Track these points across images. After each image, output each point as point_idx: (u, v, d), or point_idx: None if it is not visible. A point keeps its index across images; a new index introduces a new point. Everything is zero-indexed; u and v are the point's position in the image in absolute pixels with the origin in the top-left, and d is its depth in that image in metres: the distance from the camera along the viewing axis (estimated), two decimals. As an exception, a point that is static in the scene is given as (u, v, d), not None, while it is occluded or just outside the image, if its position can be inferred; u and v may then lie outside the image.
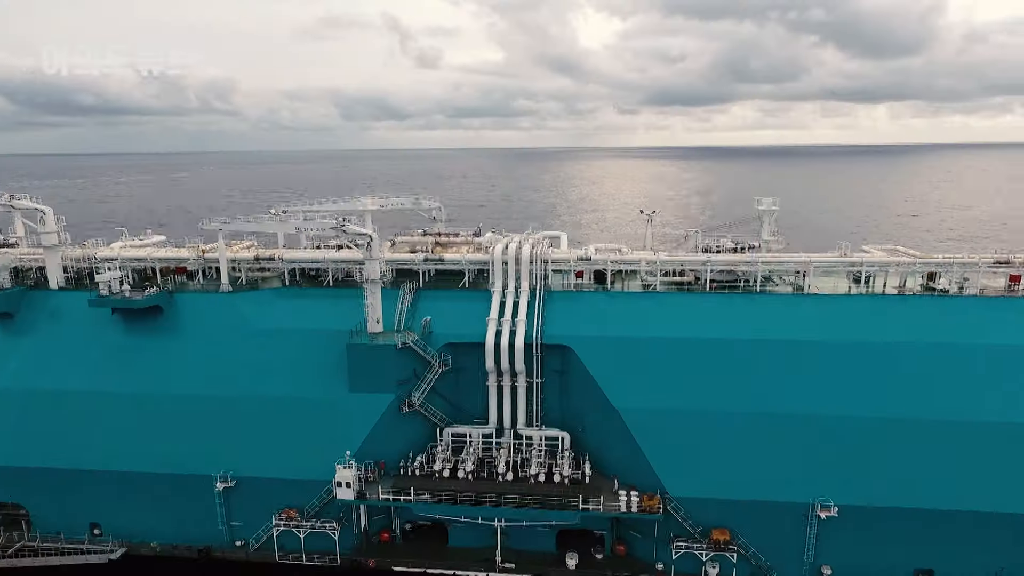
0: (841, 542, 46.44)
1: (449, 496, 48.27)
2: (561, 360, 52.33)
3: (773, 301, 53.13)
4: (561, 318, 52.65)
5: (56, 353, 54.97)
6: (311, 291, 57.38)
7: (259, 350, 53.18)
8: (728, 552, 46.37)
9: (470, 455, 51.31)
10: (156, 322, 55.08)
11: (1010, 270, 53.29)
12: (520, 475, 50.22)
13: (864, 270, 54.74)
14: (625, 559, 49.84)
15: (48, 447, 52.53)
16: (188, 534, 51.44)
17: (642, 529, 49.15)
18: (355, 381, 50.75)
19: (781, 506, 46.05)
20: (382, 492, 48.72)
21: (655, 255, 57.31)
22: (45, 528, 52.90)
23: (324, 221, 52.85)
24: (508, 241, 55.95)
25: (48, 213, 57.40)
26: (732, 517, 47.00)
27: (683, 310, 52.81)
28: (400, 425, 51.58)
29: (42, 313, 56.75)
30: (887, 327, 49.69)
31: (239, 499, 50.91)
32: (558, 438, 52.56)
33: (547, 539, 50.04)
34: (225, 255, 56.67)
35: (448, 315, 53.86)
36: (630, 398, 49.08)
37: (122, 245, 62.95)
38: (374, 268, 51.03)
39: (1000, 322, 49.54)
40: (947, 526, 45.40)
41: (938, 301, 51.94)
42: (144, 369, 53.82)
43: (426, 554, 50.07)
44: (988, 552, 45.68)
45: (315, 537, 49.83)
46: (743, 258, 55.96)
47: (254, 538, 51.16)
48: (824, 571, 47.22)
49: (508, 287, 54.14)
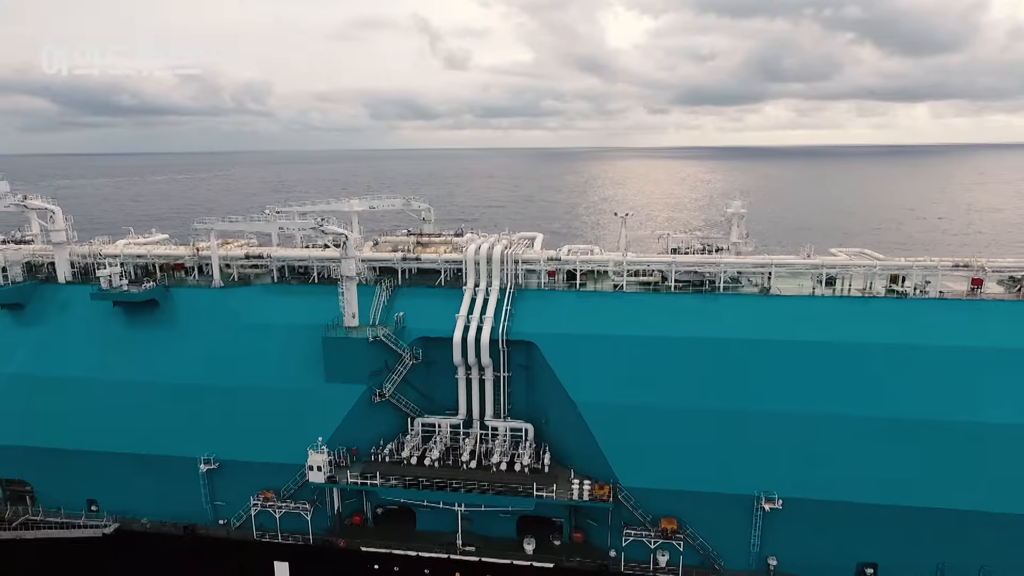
0: (786, 534, 48.10)
1: (414, 482, 51.17)
2: (526, 355, 54.94)
3: (734, 301, 54.97)
4: (528, 316, 55.21)
5: (62, 342, 59.31)
6: (296, 288, 60.84)
7: (245, 342, 56.75)
8: (675, 540, 48.38)
9: (437, 444, 54.17)
10: (153, 315, 59.06)
11: (969, 273, 54.46)
12: (484, 464, 52.98)
13: (825, 272, 56.18)
14: (581, 546, 52.16)
15: (52, 429, 56.73)
16: (175, 512, 55.11)
17: (597, 517, 51.46)
18: (330, 372, 54.00)
19: (727, 498, 47.93)
20: (352, 476, 51.84)
21: (623, 256, 59.47)
22: (47, 503, 57.13)
23: (303, 221, 56.12)
24: (482, 242, 58.66)
25: (57, 212, 61.91)
26: (680, 507, 49.02)
27: (646, 309, 54.98)
28: (372, 414, 54.66)
29: (51, 305, 61.18)
30: (841, 327, 51.23)
31: (222, 480, 54.47)
32: (522, 429, 55.21)
33: (508, 525, 52.59)
34: (217, 253, 60.44)
35: (423, 311, 56.80)
36: (588, 393, 51.40)
37: (126, 243, 67.24)
38: (350, 266, 54.20)
39: (956, 324, 50.73)
40: (890, 521, 46.81)
41: (897, 303, 53.37)
42: (140, 358, 57.80)
43: (394, 536, 52.95)
44: (931, 547, 46.93)
45: (290, 517, 53.12)
46: (708, 259, 57.90)
47: (235, 517, 54.65)
48: (770, 562, 48.93)
49: (480, 285, 56.91)
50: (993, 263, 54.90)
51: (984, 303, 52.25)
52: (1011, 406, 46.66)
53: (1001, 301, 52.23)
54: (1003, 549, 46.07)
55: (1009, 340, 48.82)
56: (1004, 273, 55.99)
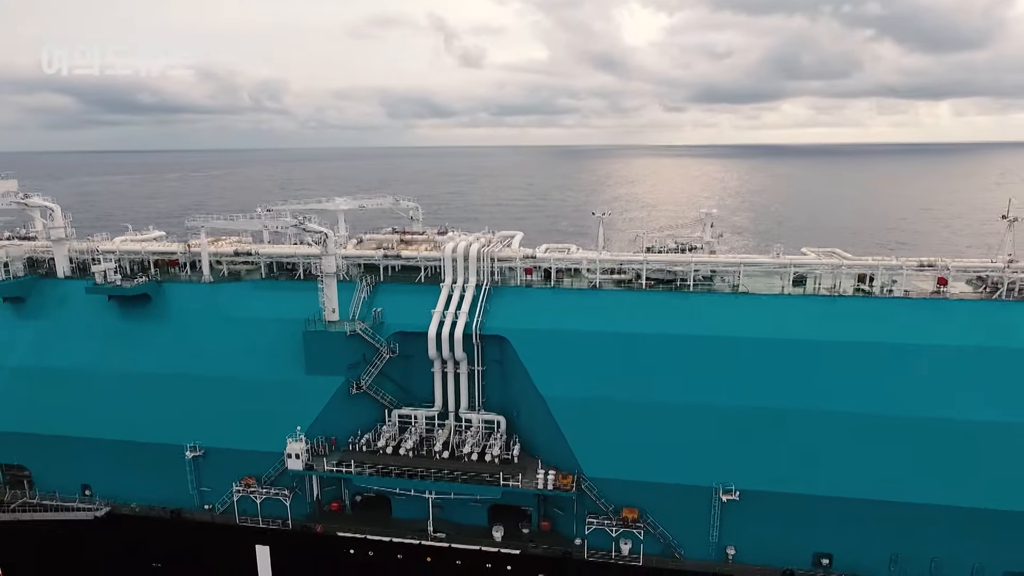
0: (744, 525, 49.57)
1: (387, 470, 53.29)
2: (500, 350, 56.83)
3: (703, 299, 56.43)
4: (502, 312, 57.11)
5: (60, 334, 62.08)
6: (283, 283, 63.18)
7: (231, 335, 59.16)
8: (636, 529, 50.05)
9: (412, 434, 56.29)
10: (145, 308, 61.69)
11: (935, 273, 55.55)
12: (456, 454, 55.01)
13: (793, 271, 57.46)
14: (549, 534, 53.99)
15: (49, 416, 59.48)
16: (163, 497, 57.64)
17: (563, 506, 53.28)
18: (310, 364, 56.28)
19: (686, 488, 49.51)
20: (329, 465, 54.10)
21: (597, 255, 61.11)
22: (44, 487, 59.94)
23: (286, 220, 58.43)
24: (460, 241, 60.62)
25: (56, 210, 64.76)
26: (641, 497, 50.64)
27: (617, 306, 56.68)
28: (351, 405, 56.86)
29: (50, 299, 64.00)
30: (803, 325, 52.60)
31: (207, 467, 56.94)
32: (494, 421, 57.14)
33: (479, 513, 54.52)
34: (207, 250, 62.95)
35: (402, 307, 58.86)
36: (556, 386, 53.20)
37: (122, 239, 70.00)
38: (329, 263, 56.42)
39: (916, 322, 51.93)
40: (844, 513, 48.14)
41: (862, 302, 54.65)
42: (133, 350, 60.40)
43: (369, 523, 55.12)
44: (884, 538, 48.21)
45: (270, 503, 55.46)
46: (677, 258, 59.40)
47: (219, 503, 57.08)
48: (729, 551, 50.44)
49: (457, 282, 58.88)
50: (957, 263, 55.89)
51: (947, 302, 53.34)
52: (964, 403, 47.81)
53: (963, 300, 53.29)
54: (954, 541, 47.21)
55: (967, 338, 49.94)
56: (970, 273, 56.83)
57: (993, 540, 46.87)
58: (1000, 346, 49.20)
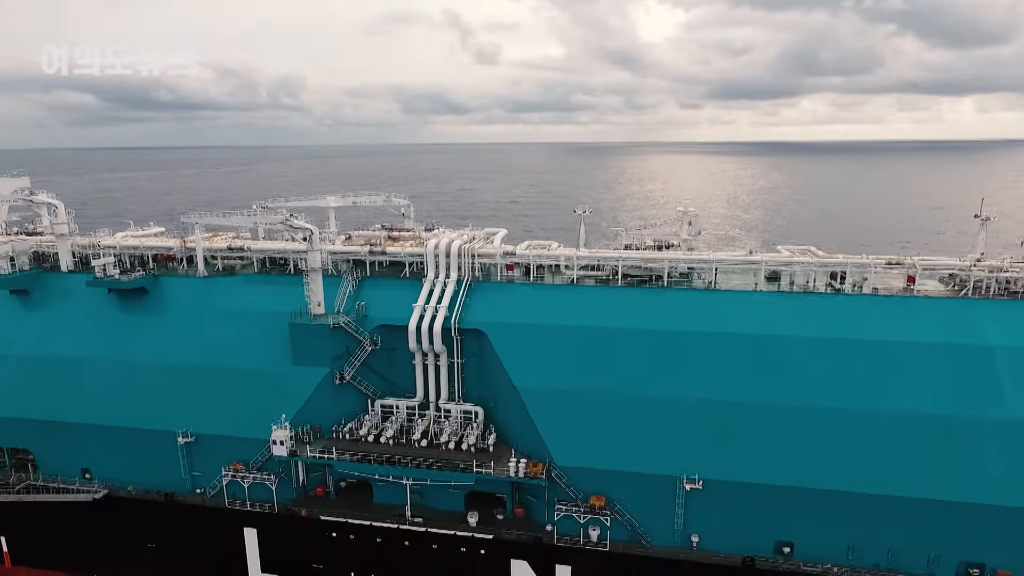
0: (707, 513, 51.26)
1: (368, 457, 55.63)
2: (478, 343, 58.88)
3: (676, 295, 58.03)
4: (481, 306, 59.13)
5: (63, 325, 65.13)
6: (273, 278, 65.66)
7: (223, 327, 61.77)
8: (603, 516, 51.92)
9: (392, 423, 58.58)
10: (143, 301, 64.53)
11: (902, 271, 56.79)
12: (434, 443, 57.20)
13: (764, 268, 58.88)
14: (522, 520, 55.99)
15: (52, 403, 62.48)
16: (157, 481, 60.42)
17: (536, 494, 55.27)
18: (296, 356, 58.72)
19: (651, 477, 51.27)
20: (312, 451, 56.55)
21: (576, 251, 62.93)
22: (47, 471, 63.01)
23: (273, 216, 60.89)
24: (442, 237, 62.75)
25: (60, 207, 67.82)
26: (609, 486, 52.48)
27: (591, 302, 58.47)
28: (335, 395, 59.25)
29: (54, 291, 67.10)
30: (771, 320, 54.07)
31: (198, 452, 59.63)
32: (472, 412, 59.26)
33: (457, 500, 56.63)
34: (201, 245, 65.62)
35: (386, 301, 61.14)
36: (529, 378, 55.15)
37: (123, 235, 72.96)
38: (315, 258, 58.79)
39: (880, 318, 53.24)
40: (804, 503, 49.60)
41: (831, 298, 55.96)
42: (131, 341, 63.24)
43: (352, 508, 57.48)
44: (843, 528, 49.64)
45: (258, 488, 58.03)
46: (652, 255, 61.03)
47: (210, 487, 59.75)
48: (693, 539, 52.15)
49: (439, 277, 61.03)
50: (924, 261, 57.07)
51: (913, 299, 54.56)
52: (920, 396, 49.09)
53: (928, 298, 54.47)
54: (910, 531, 48.54)
55: (927, 335, 51.15)
56: (939, 271, 57.88)
57: (948, 531, 48.11)
58: (958, 343, 50.37)
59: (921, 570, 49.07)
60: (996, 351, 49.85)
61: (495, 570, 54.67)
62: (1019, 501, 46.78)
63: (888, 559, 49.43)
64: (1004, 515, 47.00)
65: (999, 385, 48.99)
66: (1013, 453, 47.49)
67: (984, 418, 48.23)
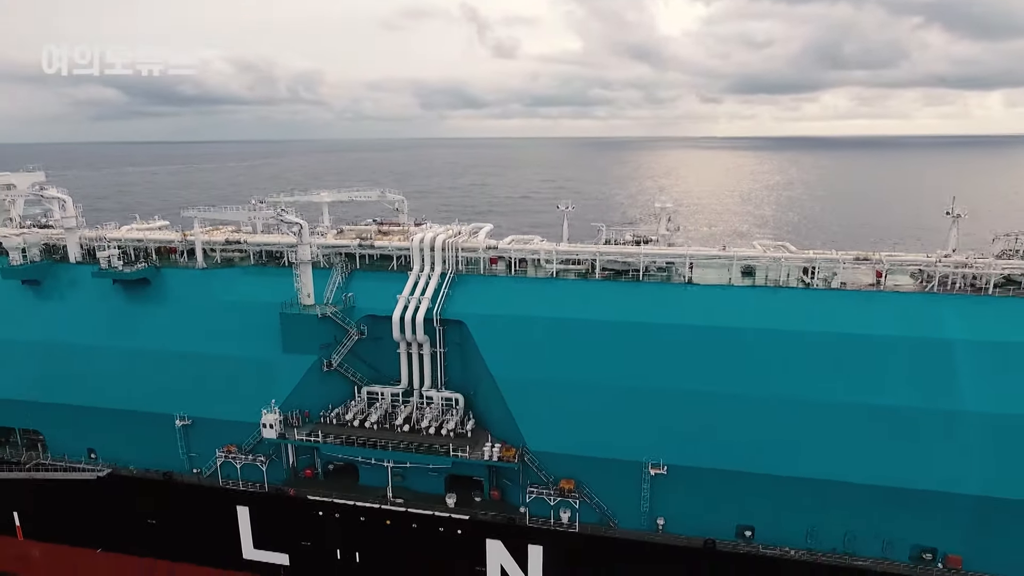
0: (672, 497, 53.52)
1: (351, 440, 58.60)
2: (460, 333, 61.47)
3: (650, 288, 60.15)
4: (463, 298, 61.66)
5: (71, 314, 68.77)
6: (268, 270, 68.67)
7: (219, 316, 64.90)
8: (572, 499, 54.41)
9: (377, 409, 61.49)
10: (145, 291, 67.93)
11: (869, 266, 58.43)
12: (416, 428, 60.01)
13: (736, 263, 60.75)
14: (498, 502, 58.68)
15: (61, 387, 66.23)
16: (157, 461, 63.95)
17: (510, 477, 57.88)
18: (287, 344, 61.73)
19: (619, 463, 53.61)
20: (300, 435, 59.63)
21: (555, 246, 65.26)
22: (55, 450, 66.88)
23: (266, 211, 63.90)
24: (427, 232, 65.40)
25: (68, 201, 71.39)
26: (579, 470, 54.93)
27: (568, 294, 60.66)
28: (323, 382, 62.21)
29: (63, 281, 70.74)
30: (738, 314, 56.02)
31: (195, 435, 63.03)
32: (453, 399, 61.95)
33: (437, 482, 59.37)
34: (200, 238, 68.89)
35: (373, 292, 63.84)
36: (506, 367, 57.66)
37: (128, 228, 76.53)
38: (304, 251, 61.68)
39: (844, 312, 54.96)
40: (765, 488, 51.67)
41: (800, 293, 57.68)
42: (134, 329, 66.69)
43: (337, 488, 60.52)
44: (802, 513, 51.66)
45: (250, 468, 61.32)
46: (628, 250, 63.13)
47: (206, 467, 63.17)
48: (659, 522, 54.46)
49: (424, 270, 63.69)
50: (891, 257, 58.63)
51: (878, 294, 56.15)
52: (878, 388, 50.87)
53: (892, 292, 56.04)
54: (866, 517, 50.47)
55: (887, 328, 52.80)
56: (906, 266, 59.31)
57: (902, 516, 49.99)
58: (917, 336, 51.97)
59: (876, 554, 50.94)
60: (954, 345, 51.41)
61: (471, 549, 57.39)
62: (970, 489, 48.54)
63: (845, 543, 51.35)
64: (956, 502, 48.80)
65: (955, 378, 50.59)
66: (967, 444, 49.17)
67: (939, 410, 49.90)
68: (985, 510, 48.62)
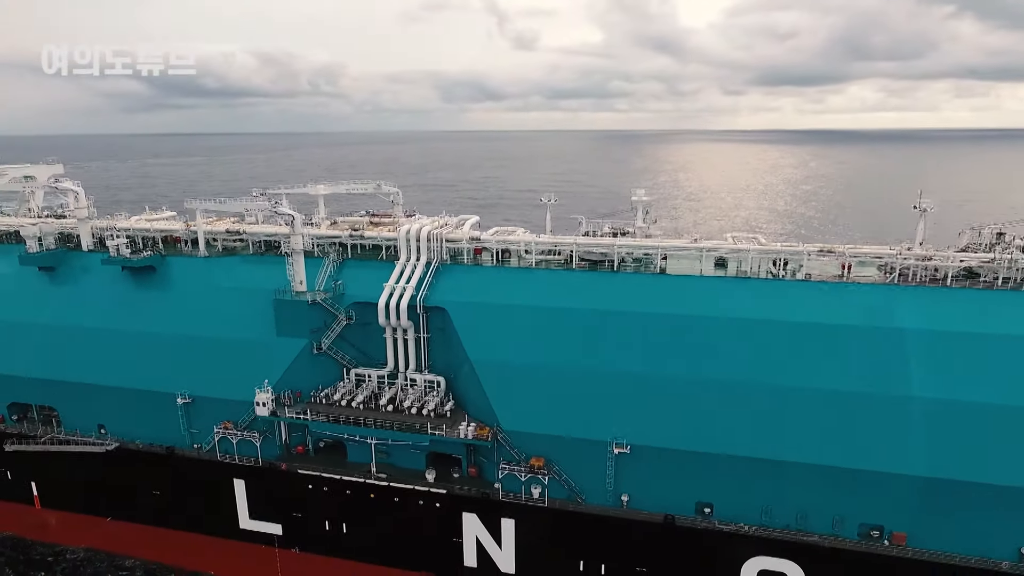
0: (635, 475, 56.61)
1: (337, 418, 62.52)
2: (442, 320, 64.98)
3: (621, 278, 63.01)
4: (446, 286, 65.09)
5: (83, 298, 73.55)
6: (266, 258, 72.64)
7: (219, 302, 69.15)
8: (541, 475, 57.78)
9: (364, 390, 65.32)
10: (151, 278, 72.40)
11: (833, 258, 60.83)
12: (399, 408, 63.74)
13: (704, 254, 63.43)
14: (475, 479, 62.26)
15: (74, 366, 71.06)
16: (160, 436, 68.48)
17: (487, 455, 61.40)
18: (280, 328, 65.75)
19: (585, 442, 56.83)
20: (290, 412, 63.67)
21: (535, 237, 68.42)
22: (69, 425, 71.78)
23: (260, 203, 67.85)
24: (414, 223, 68.91)
25: (81, 193, 76.09)
26: (548, 448, 58.25)
27: (545, 284, 63.83)
28: (314, 364, 66.16)
29: (76, 268, 75.51)
30: (704, 302, 58.72)
31: (195, 412, 67.43)
32: (435, 381, 65.56)
33: (419, 459, 63.13)
34: (202, 228, 73.13)
35: (362, 280, 67.51)
36: (482, 351, 61.09)
37: (137, 218, 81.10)
38: (297, 241, 65.55)
39: (804, 302, 57.44)
40: (722, 468, 54.54)
41: (766, 283, 60.21)
42: (140, 313, 71.23)
43: (325, 463, 64.55)
44: (757, 491, 54.46)
45: (245, 444, 65.57)
46: (603, 241, 66.10)
47: (206, 442, 67.58)
48: (623, 498, 57.62)
49: (410, 259, 67.24)
50: (853, 249, 60.96)
51: (838, 285, 58.50)
52: (832, 374, 53.38)
53: (851, 284, 58.32)
54: (816, 496, 53.16)
55: (844, 317, 55.18)
56: (868, 259, 61.58)
57: (850, 495, 52.59)
58: (871, 325, 54.31)
59: (826, 530, 53.64)
60: (906, 334, 53.74)
61: (449, 522, 61.06)
62: (916, 471, 51.01)
63: (797, 520, 54.10)
64: (901, 482, 51.32)
65: (906, 365, 52.97)
66: (913, 428, 51.60)
67: (889, 395, 52.35)
68: (929, 491, 51.08)
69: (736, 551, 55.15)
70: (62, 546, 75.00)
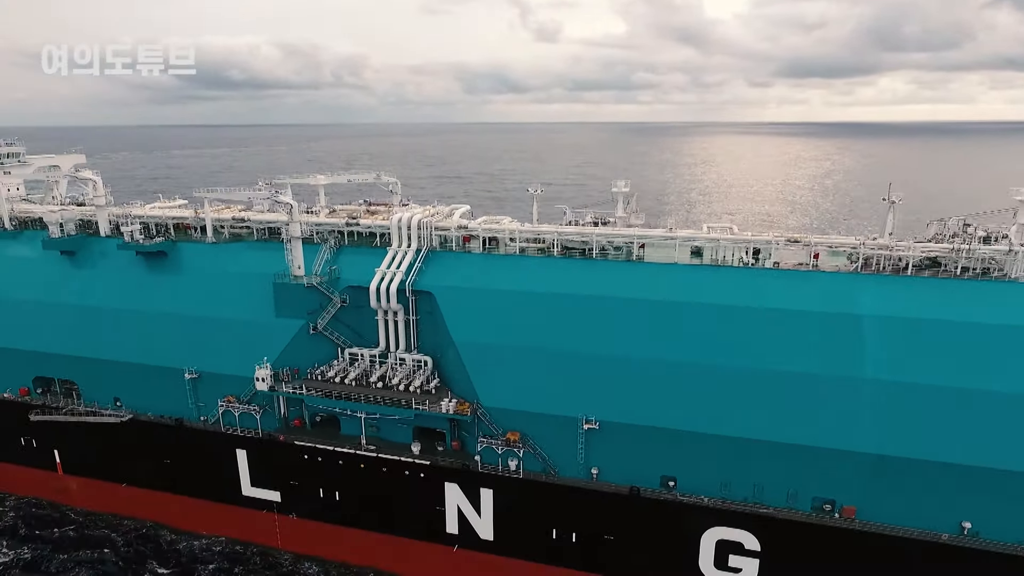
0: (604, 450, 60.26)
1: (330, 393, 67.10)
2: (430, 303, 69.07)
3: (600, 264, 66.47)
4: (434, 271, 69.09)
5: (100, 280, 78.99)
6: (269, 244, 77.17)
7: (224, 285, 74.03)
8: (516, 448, 61.75)
9: (356, 368, 69.79)
10: (163, 263, 77.55)
11: (800, 248, 63.62)
12: (388, 385, 68.07)
13: (679, 244, 66.52)
14: (458, 452, 66.46)
15: (92, 343, 76.56)
16: (170, 409, 73.74)
17: (468, 430, 65.54)
18: (279, 309, 70.39)
19: (557, 418, 60.61)
20: (287, 388, 68.38)
21: (520, 226, 72.11)
22: (88, 398, 77.37)
23: (259, 192, 72.45)
24: (405, 212, 73.02)
25: (98, 181, 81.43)
26: (523, 424, 62.16)
27: (526, 270, 67.47)
28: (310, 343, 70.71)
29: (94, 252, 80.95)
30: (676, 288, 61.94)
31: (201, 387, 72.52)
32: (422, 361, 69.75)
33: (406, 433, 67.47)
34: (210, 216, 78.03)
35: (356, 265, 71.73)
36: (465, 333, 65.06)
37: (151, 206, 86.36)
38: (295, 228, 70.02)
39: (770, 288, 60.43)
40: (684, 443, 57.94)
41: (736, 271, 63.17)
42: (153, 295, 76.41)
43: (320, 436, 69.24)
44: (717, 466, 57.82)
45: (246, 417, 70.53)
46: (586, 230, 69.50)
47: (211, 415, 72.67)
48: (593, 471, 61.32)
49: (402, 246, 71.39)
50: (820, 239, 63.75)
51: (804, 273, 61.34)
52: (790, 356, 56.36)
53: (816, 272, 61.15)
54: (772, 470, 56.38)
55: (806, 303, 58.01)
56: (834, 249, 64.22)
57: (805, 471, 55.72)
58: (831, 311, 57.08)
59: (782, 503, 56.87)
60: (863, 319, 56.54)
61: (432, 491, 65.38)
62: (866, 448, 53.96)
63: (754, 493, 57.38)
64: (852, 459, 54.31)
65: (862, 349, 55.81)
66: (866, 407, 54.51)
67: (843, 376, 55.27)
68: (878, 467, 54.03)
69: (697, 521, 58.64)
70: (81, 509, 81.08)
